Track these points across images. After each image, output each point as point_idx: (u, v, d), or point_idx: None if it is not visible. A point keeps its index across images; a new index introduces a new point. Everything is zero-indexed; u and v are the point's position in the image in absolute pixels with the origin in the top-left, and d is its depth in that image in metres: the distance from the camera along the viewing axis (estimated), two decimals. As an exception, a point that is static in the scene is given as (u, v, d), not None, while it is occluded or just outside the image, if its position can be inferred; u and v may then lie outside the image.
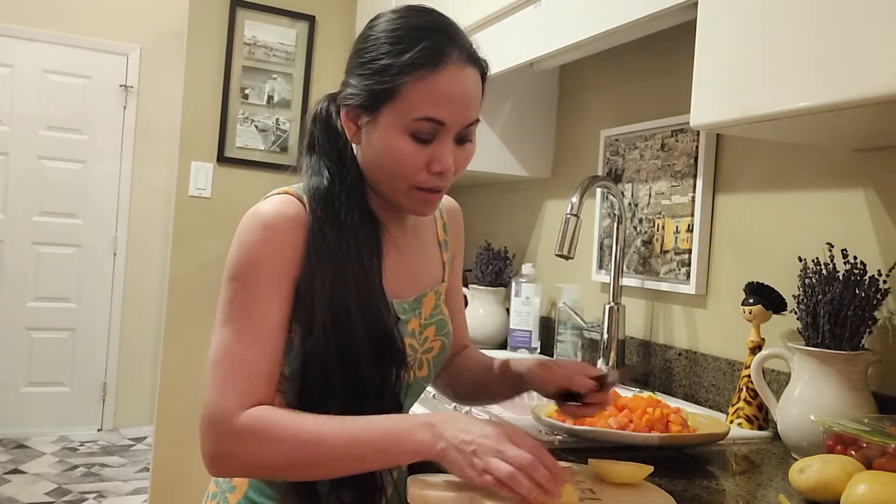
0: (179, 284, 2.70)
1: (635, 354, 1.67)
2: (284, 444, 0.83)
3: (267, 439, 0.83)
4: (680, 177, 1.58)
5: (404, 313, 0.99)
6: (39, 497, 3.38)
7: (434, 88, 0.87)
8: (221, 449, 0.85)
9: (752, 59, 0.99)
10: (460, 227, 1.17)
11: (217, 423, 0.84)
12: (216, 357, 0.88)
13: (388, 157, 0.91)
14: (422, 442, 0.81)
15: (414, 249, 1.05)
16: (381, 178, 0.94)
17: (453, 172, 0.93)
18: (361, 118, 0.92)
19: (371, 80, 0.90)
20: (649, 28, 1.35)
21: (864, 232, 1.20)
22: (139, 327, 4.55)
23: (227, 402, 0.85)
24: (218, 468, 0.86)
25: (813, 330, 1.10)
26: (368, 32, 0.93)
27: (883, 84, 0.81)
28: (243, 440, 0.84)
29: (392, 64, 0.88)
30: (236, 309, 0.88)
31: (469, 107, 0.91)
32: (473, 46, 0.93)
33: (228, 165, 2.73)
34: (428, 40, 0.88)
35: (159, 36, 4.51)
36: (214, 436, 0.85)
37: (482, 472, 0.77)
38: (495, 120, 2.06)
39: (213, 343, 0.89)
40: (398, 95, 0.88)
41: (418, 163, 0.90)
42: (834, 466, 0.88)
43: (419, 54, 0.87)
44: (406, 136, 0.89)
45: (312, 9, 2.82)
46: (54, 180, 4.34)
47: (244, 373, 0.86)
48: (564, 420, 1.07)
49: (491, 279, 2.14)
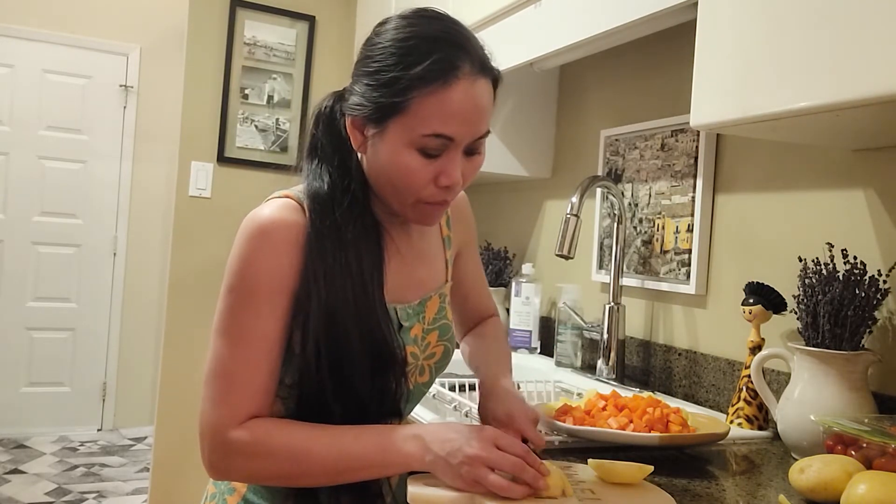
0: (179, 284, 2.70)
1: (635, 354, 1.67)
2: (274, 459, 0.85)
3: (257, 456, 0.85)
4: (680, 177, 1.58)
5: (407, 319, 0.99)
6: (39, 497, 3.38)
7: (444, 104, 0.84)
8: (215, 460, 0.86)
9: (752, 59, 0.99)
10: (468, 215, 1.15)
11: (210, 437, 0.86)
12: (211, 369, 0.88)
13: (394, 171, 0.88)
14: (410, 455, 0.83)
15: (417, 253, 1.03)
16: (387, 190, 0.92)
17: (461, 184, 0.90)
18: (368, 129, 0.89)
19: (378, 93, 0.86)
20: (649, 28, 1.35)
21: (864, 232, 1.20)
22: (139, 327, 4.55)
23: (219, 416, 0.86)
24: (216, 476, 0.88)
25: (813, 330, 1.10)
26: (376, 39, 0.89)
27: (883, 84, 0.81)
28: (234, 455, 0.85)
29: (401, 77, 0.84)
30: (232, 321, 0.88)
31: (481, 120, 0.88)
32: (486, 52, 0.90)
33: (228, 165, 2.73)
34: (439, 52, 0.84)
35: (159, 36, 4.51)
36: (208, 447, 0.86)
37: (472, 484, 0.79)
38: (495, 120, 2.06)
39: (209, 354, 0.89)
40: (407, 110, 0.84)
41: (425, 177, 0.88)
42: (834, 466, 0.88)
43: (430, 68, 0.83)
44: (414, 150, 0.86)
45: (312, 9, 2.82)
46: (54, 180, 4.34)
47: (237, 387, 0.86)
48: (564, 420, 1.07)
49: (491, 279, 2.14)
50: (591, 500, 0.80)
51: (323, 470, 0.85)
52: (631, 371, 1.66)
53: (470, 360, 1.16)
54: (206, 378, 0.88)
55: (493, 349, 1.15)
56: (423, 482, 0.82)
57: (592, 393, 1.15)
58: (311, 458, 0.84)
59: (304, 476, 0.85)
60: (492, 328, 1.21)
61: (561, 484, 0.81)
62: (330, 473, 0.85)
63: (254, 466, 0.86)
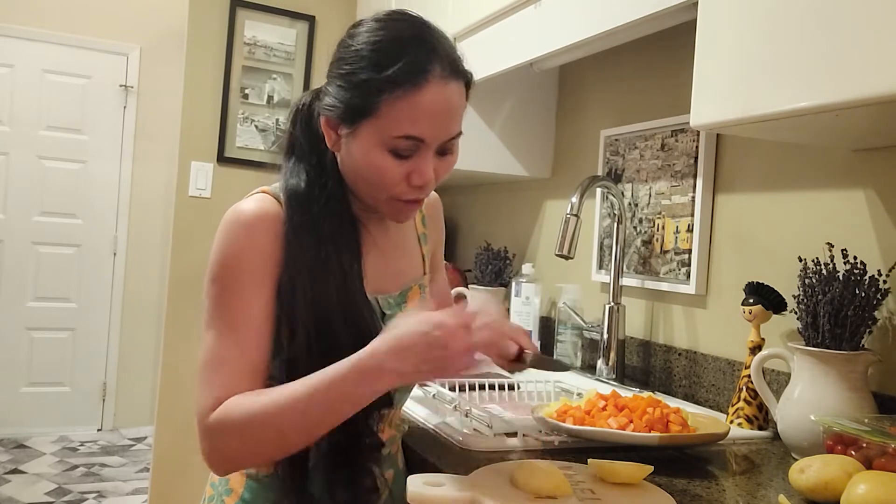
0: (179, 284, 2.70)
1: (635, 354, 1.67)
2: (250, 428, 0.83)
3: (233, 431, 0.84)
4: (680, 177, 1.58)
5: (390, 308, 1.00)
6: (39, 497, 3.38)
7: (415, 106, 0.85)
8: (204, 448, 0.86)
9: (753, 58, 0.99)
10: (440, 217, 1.18)
11: (197, 425, 0.86)
12: (201, 361, 0.89)
13: (367, 170, 0.90)
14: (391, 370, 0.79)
15: (395, 245, 1.05)
16: (361, 187, 0.94)
17: (434, 182, 0.92)
18: (341, 128, 0.91)
19: (350, 94, 0.88)
20: (649, 28, 1.35)
21: (864, 232, 1.20)
22: (139, 327, 4.55)
23: (203, 403, 0.86)
24: (213, 468, 0.87)
25: (813, 330, 1.10)
26: (349, 41, 0.91)
27: (883, 84, 0.81)
28: (213, 438, 0.85)
29: (371, 79, 0.86)
30: (218, 311, 0.89)
31: (451, 122, 0.89)
32: (458, 55, 0.91)
33: (228, 165, 2.73)
34: (409, 55, 0.85)
35: (159, 36, 4.51)
36: (199, 437, 0.86)
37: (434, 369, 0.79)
38: (495, 120, 2.06)
39: (202, 343, 0.90)
40: (377, 112, 0.86)
41: (397, 176, 0.89)
42: (834, 466, 0.88)
43: (400, 70, 0.84)
44: (385, 151, 0.88)
45: (312, 9, 2.82)
46: (54, 180, 4.35)
47: (222, 373, 0.87)
48: (564, 420, 1.07)
49: (491, 279, 2.14)
50: (591, 500, 0.80)
51: (301, 417, 0.81)
52: (631, 371, 1.66)
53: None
54: (198, 370, 0.89)
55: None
56: (422, 483, 0.82)
57: (592, 393, 1.15)
58: (284, 410, 0.82)
59: (284, 435, 0.83)
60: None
61: (560, 483, 0.81)
62: (309, 418, 0.82)
63: (233, 445, 0.84)
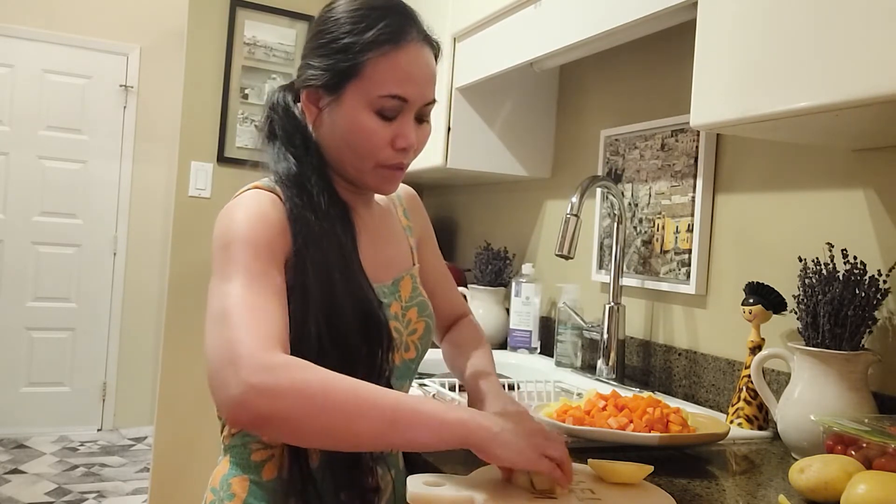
0: (179, 284, 2.70)
1: (635, 354, 1.67)
2: (331, 384, 0.75)
3: (311, 368, 0.76)
4: (680, 177, 1.58)
5: (385, 297, 1.00)
6: (39, 497, 3.38)
7: (397, 65, 0.91)
8: (250, 386, 0.72)
9: (752, 58, 0.99)
10: (421, 209, 1.19)
11: (245, 358, 0.74)
12: (225, 306, 0.79)
13: (353, 135, 0.93)
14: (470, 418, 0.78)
15: (383, 234, 1.06)
16: (347, 158, 0.95)
17: (414, 150, 0.96)
18: (323, 99, 0.94)
19: (333, 60, 0.92)
20: (649, 28, 1.35)
21: (864, 232, 1.20)
22: (139, 327, 4.55)
23: (253, 339, 0.76)
24: (245, 413, 0.73)
25: (813, 330, 1.10)
26: (327, 15, 0.96)
27: (883, 84, 0.81)
28: (283, 368, 0.74)
29: (355, 42, 0.91)
30: (240, 266, 0.83)
31: (429, 84, 0.95)
32: (428, 27, 0.98)
33: (228, 165, 2.73)
34: (389, 18, 0.92)
35: (159, 36, 4.51)
36: (243, 373, 0.73)
37: (537, 455, 0.78)
38: (495, 120, 2.06)
39: (218, 296, 0.81)
40: (362, 73, 0.91)
41: (383, 139, 0.93)
42: (834, 466, 0.88)
43: (381, 31, 0.91)
44: (371, 113, 0.92)
45: (312, 9, 2.82)
46: (54, 180, 4.35)
47: (264, 318, 0.79)
48: (565, 420, 1.07)
49: (491, 279, 2.14)
50: (591, 500, 0.80)
51: (379, 413, 0.75)
52: (631, 371, 1.66)
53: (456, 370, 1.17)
54: (221, 315, 0.79)
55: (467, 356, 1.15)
56: (422, 483, 0.82)
57: (592, 393, 1.15)
58: (367, 396, 0.76)
59: (356, 415, 0.75)
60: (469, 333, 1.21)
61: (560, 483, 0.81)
62: (386, 420, 0.76)
63: (308, 378, 0.74)
